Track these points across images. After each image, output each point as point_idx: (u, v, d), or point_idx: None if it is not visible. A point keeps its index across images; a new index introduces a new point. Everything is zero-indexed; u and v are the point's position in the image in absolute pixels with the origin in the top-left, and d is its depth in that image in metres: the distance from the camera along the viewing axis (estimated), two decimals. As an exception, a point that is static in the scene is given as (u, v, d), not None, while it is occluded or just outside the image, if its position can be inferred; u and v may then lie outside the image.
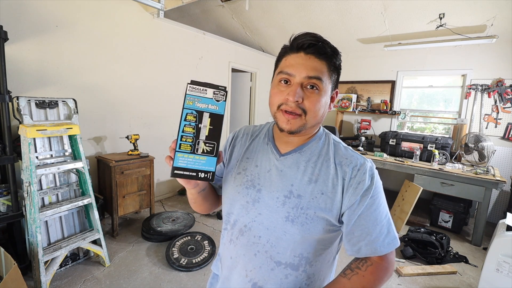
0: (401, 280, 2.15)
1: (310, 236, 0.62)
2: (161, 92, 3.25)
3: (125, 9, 2.76)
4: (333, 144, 0.67)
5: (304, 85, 0.59)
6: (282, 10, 3.47)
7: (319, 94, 0.59)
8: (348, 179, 0.61)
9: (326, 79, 0.60)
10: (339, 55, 0.63)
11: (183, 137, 0.52)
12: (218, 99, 0.54)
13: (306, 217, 0.61)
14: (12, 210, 1.86)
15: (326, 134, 0.70)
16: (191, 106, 0.53)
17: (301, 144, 0.67)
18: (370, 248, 0.60)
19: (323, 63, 0.59)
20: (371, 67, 4.17)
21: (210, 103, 0.53)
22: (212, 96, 0.53)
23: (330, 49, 0.60)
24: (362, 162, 0.63)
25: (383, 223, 0.61)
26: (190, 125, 0.53)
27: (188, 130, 0.52)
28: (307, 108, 0.59)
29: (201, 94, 0.53)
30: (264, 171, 0.67)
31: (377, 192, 0.62)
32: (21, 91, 2.13)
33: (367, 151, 3.78)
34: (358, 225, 0.61)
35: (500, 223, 1.89)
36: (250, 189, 0.67)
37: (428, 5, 2.83)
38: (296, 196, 0.62)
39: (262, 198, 0.65)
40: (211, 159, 0.54)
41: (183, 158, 0.53)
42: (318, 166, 0.64)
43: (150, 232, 2.47)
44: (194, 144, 0.53)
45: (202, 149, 0.53)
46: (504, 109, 3.23)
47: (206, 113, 0.53)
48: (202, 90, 0.53)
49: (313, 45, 0.58)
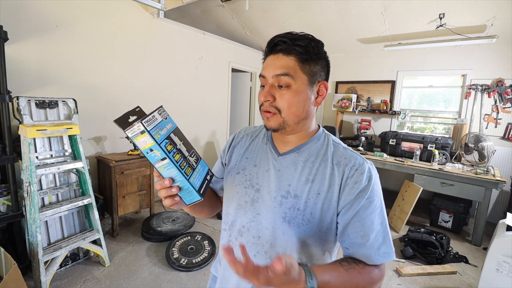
0: (401, 280, 2.15)
1: (307, 237, 0.61)
2: (161, 92, 3.25)
3: (125, 9, 2.76)
4: (332, 144, 0.66)
5: (276, 85, 0.60)
6: (282, 10, 3.47)
7: (291, 90, 0.59)
8: (345, 179, 0.60)
9: (297, 73, 0.59)
10: (312, 45, 0.60)
11: (181, 165, 0.51)
12: (165, 117, 0.52)
13: (303, 218, 0.61)
14: (12, 210, 1.86)
15: (325, 135, 0.69)
16: (160, 138, 0.48)
17: (299, 144, 0.66)
18: (364, 254, 0.58)
19: (291, 58, 0.59)
20: (371, 67, 4.17)
21: (166, 124, 0.52)
22: (160, 118, 0.51)
23: (301, 43, 0.58)
24: (360, 163, 0.62)
25: (379, 229, 0.59)
26: (174, 153, 0.50)
27: (177, 157, 0.51)
28: (280, 107, 0.60)
29: (155, 122, 0.49)
30: (262, 171, 0.67)
31: (374, 195, 0.59)
32: (21, 91, 2.13)
33: (367, 151, 3.78)
34: (352, 226, 0.59)
35: (500, 223, 1.89)
36: (248, 188, 0.67)
37: (428, 5, 2.83)
38: (293, 196, 0.62)
39: (260, 198, 0.65)
40: (202, 163, 0.58)
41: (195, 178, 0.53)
42: (316, 166, 0.63)
43: (150, 232, 2.47)
44: (188, 163, 0.53)
45: (193, 161, 0.55)
46: (504, 109, 3.23)
47: (171, 134, 0.52)
48: (153, 118, 0.48)
49: (280, 44, 0.59)
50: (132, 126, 0.45)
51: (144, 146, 0.47)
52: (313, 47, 0.60)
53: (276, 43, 0.60)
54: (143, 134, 0.45)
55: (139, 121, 0.45)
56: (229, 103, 4.31)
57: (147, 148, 0.47)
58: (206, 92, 3.85)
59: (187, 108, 3.61)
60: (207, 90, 3.85)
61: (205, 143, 4.00)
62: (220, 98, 4.13)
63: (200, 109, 3.81)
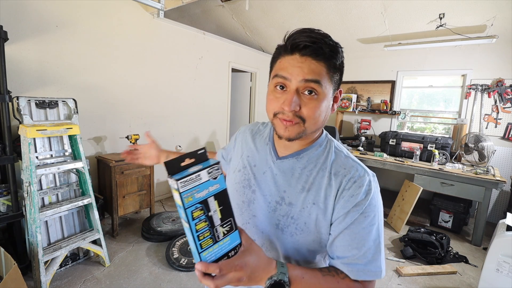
0: (401, 280, 2.15)
1: (300, 247, 0.59)
2: (161, 92, 3.25)
3: (125, 9, 2.76)
4: (333, 152, 0.62)
5: (301, 91, 0.53)
6: (282, 10, 3.47)
7: (318, 100, 0.54)
8: (341, 191, 0.56)
9: (325, 81, 0.54)
10: (339, 53, 0.55)
11: (200, 236, 0.44)
12: (215, 176, 0.45)
13: (296, 227, 0.58)
14: (12, 210, 1.86)
15: (328, 141, 0.64)
16: (192, 201, 0.43)
17: (300, 149, 0.62)
18: (348, 267, 0.55)
19: (321, 64, 0.53)
20: (371, 67, 4.17)
21: (209, 185, 0.44)
22: (208, 177, 0.44)
23: (329, 48, 0.53)
24: (360, 175, 0.57)
25: (370, 246, 0.54)
26: (200, 220, 0.44)
27: (201, 226, 0.44)
28: (306, 116, 0.54)
29: (196, 183, 0.43)
30: (260, 172, 0.65)
31: (370, 210, 0.55)
32: (21, 91, 2.13)
33: (367, 151, 3.78)
34: (341, 239, 0.56)
35: (500, 223, 1.89)
36: (246, 188, 0.66)
37: (428, 5, 2.83)
38: (287, 204, 0.59)
39: (256, 200, 0.63)
40: (233, 235, 0.48)
41: (210, 253, 0.45)
42: (313, 174, 0.59)
43: (150, 232, 2.47)
44: (213, 234, 0.46)
45: (222, 233, 0.47)
46: (504, 109, 3.23)
47: (210, 198, 0.45)
48: (196, 178, 0.43)
49: (309, 46, 0.52)
50: (171, 178, 0.41)
51: (175, 200, 0.43)
52: (339, 55, 0.55)
53: (305, 44, 0.52)
54: (176, 192, 0.42)
55: (177, 179, 0.41)
56: (229, 103, 4.31)
57: (177, 203, 0.43)
58: (206, 92, 3.85)
59: (187, 108, 3.61)
60: (207, 90, 3.85)
61: (205, 143, 4.00)
62: (220, 98, 4.13)
63: (200, 109, 3.81)
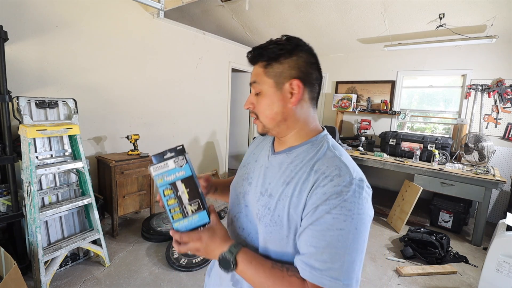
0: (401, 280, 2.15)
1: (273, 240, 0.59)
2: (161, 92, 3.25)
3: (125, 9, 2.76)
4: (324, 151, 0.60)
5: (254, 92, 0.64)
6: (282, 10, 3.47)
7: (261, 96, 0.63)
8: (315, 187, 0.54)
9: (262, 79, 0.62)
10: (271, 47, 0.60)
11: (171, 210, 0.58)
12: (181, 165, 0.58)
13: (271, 219, 0.59)
14: (12, 210, 1.86)
15: (323, 141, 0.63)
16: (163, 183, 0.58)
17: (292, 145, 0.64)
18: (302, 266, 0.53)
19: (258, 65, 0.63)
20: (371, 67, 4.17)
21: (176, 171, 0.58)
22: (174, 165, 0.58)
23: (257, 51, 0.62)
24: (341, 175, 0.53)
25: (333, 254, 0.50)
26: (170, 197, 0.58)
27: (171, 202, 0.58)
28: (257, 112, 0.64)
29: (164, 169, 0.57)
30: (258, 166, 0.69)
31: (341, 214, 0.50)
32: (21, 91, 2.13)
33: (367, 151, 3.78)
34: (304, 235, 0.54)
35: (500, 223, 1.89)
36: (244, 181, 0.71)
37: (428, 5, 2.83)
38: (268, 195, 0.61)
39: (250, 191, 0.67)
40: (201, 213, 0.60)
41: (180, 224, 0.59)
42: (297, 169, 0.59)
43: (150, 232, 2.47)
44: (182, 210, 0.59)
45: (190, 210, 0.59)
46: (504, 109, 3.23)
47: (178, 181, 0.58)
48: (164, 165, 0.57)
49: (250, 57, 0.64)
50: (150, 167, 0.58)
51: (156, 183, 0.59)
52: (272, 49, 0.60)
53: (249, 57, 0.64)
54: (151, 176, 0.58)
55: (150, 166, 0.58)
56: (229, 103, 4.31)
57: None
58: (206, 92, 3.85)
59: (187, 108, 3.61)
60: (207, 90, 3.85)
61: (205, 143, 4.00)
62: (220, 98, 4.13)
63: (200, 109, 3.81)
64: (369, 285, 2.07)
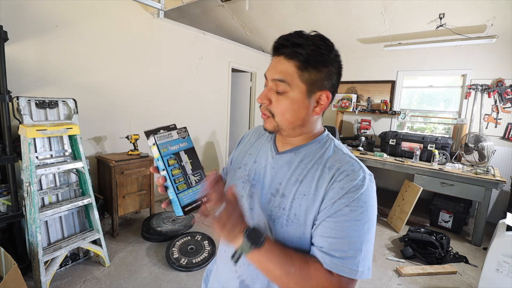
0: (401, 280, 2.15)
1: (290, 239, 0.59)
2: (161, 92, 3.25)
3: (125, 9, 2.76)
4: (332, 149, 0.63)
5: (274, 88, 0.59)
6: (282, 10, 3.47)
7: (286, 98, 0.58)
8: (332, 182, 0.56)
9: (294, 81, 0.56)
10: (317, 51, 0.55)
11: (176, 180, 0.57)
12: (183, 136, 0.60)
13: (287, 218, 0.59)
14: (12, 210, 1.86)
15: (329, 140, 0.66)
16: (167, 152, 0.57)
17: (299, 145, 0.65)
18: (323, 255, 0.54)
19: (291, 64, 0.56)
20: (371, 67, 4.17)
21: (179, 142, 0.59)
22: (177, 136, 0.59)
23: (306, 48, 0.55)
24: (355, 170, 0.57)
25: (351, 242, 0.53)
26: (175, 167, 0.57)
27: (176, 172, 0.57)
28: (274, 112, 0.60)
29: (168, 139, 0.57)
30: (260, 167, 0.68)
31: (358, 206, 0.54)
32: (21, 91, 2.13)
33: (367, 151, 3.78)
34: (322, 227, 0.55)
35: (500, 223, 1.89)
36: (245, 183, 0.68)
37: (428, 5, 2.83)
38: (280, 195, 0.61)
39: (255, 193, 0.66)
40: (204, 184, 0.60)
41: (185, 195, 0.58)
42: (308, 167, 0.61)
43: (150, 232, 2.47)
44: (187, 180, 0.58)
45: (193, 180, 0.59)
46: (504, 109, 3.23)
47: (181, 151, 0.59)
48: (168, 135, 0.58)
49: (281, 47, 0.57)
50: (149, 138, 0.56)
51: (154, 156, 0.57)
52: (317, 54, 0.56)
53: (280, 45, 0.57)
54: (154, 146, 0.56)
55: (153, 135, 0.56)
56: (229, 103, 4.31)
57: (155, 158, 0.57)
58: (206, 92, 3.85)
59: (187, 108, 3.61)
60: (207, 90, 3.85)
61: (205, 143, 4.00)
62: (220, 98, 4.13)
63: (200, 109, 3.80)
64: (369, 285, 2.07)
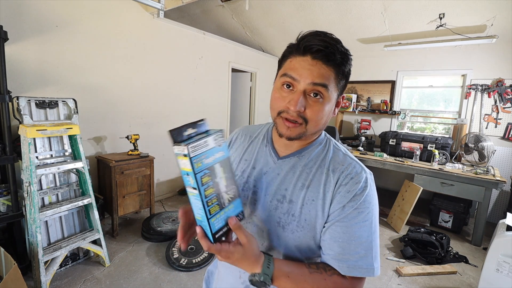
0: (401, 280, 2.15)
1: (301, 244, 0.60)
2: (161, 92, 3.25)
3: (125, 9, 2.76)
4: (332, 150, 0.64)
5: (307, 92, 0.55)
6: (282, 10, 3.47)
7: (323, 103, 0.56)
8: (338, 186, 0.57)
9: (332, 86, 0.56)
10: (349, 60, 0.57)
11: (208, 202, 0.46)
12: (220, 143, 0.48)
13: (297, 224, 0.59)
14: (12, 210, 1.86)
15: (327, 140, 0.67)
16: (201, 167, 0.45)
17: (300, 148, 0.64)
18: (338, 263, 0.55)
19: (330, 69, 0.54)
20: (371, 67, 4.17)
21: (215, 152, 0.47)
22: (214, 144, 0.47)
23: (340, 55, 0.55)
24: (358, 172, 0.58)
25: (362, 242, 0.55)
26: (208, 186, 0.46)
27: (209, 192, 0.46)
28: (309, 118, 0.56)
29: (204, 148, 0.45)
30: (261, 173, 0.66)
31: (365, 207, 0.56)
32: (21, 91, 2.13)
33: (367, 151, 3.78)
34: (332, 232, 0.56)
35: (500, 223, 1.89)
36: (246, 191, 0.66)
37: (428, 5, 2.83)
38: (288, 201, 0.60)
39: (257, 200, 0.64)
40: (237, 201, 0.52)
41: (217, 219, 0.49)
42: (313, 172, 0.61)
43: (150, 232, 2.47)
44: (219, 200, 0.48)
45: (226, 200, 0.50)
46: (504, 109, 3.23)
47: (216, 164, 0.47)
48: (204, 144, 0.45)
49: (322, 50, 0.53)
50: (179, 145, 0.44)
51: (182, 168, 0.45)
52: (347, 62, 0.57)
53: (318, 48, 0.53)
54: (185, 157, 0.44)
55: (186, 144, 0.43)
56: (229, 103, 4.31)
57: (185, 171, 0.45)
58: (206, 92, 3.85)
59: (187, 108, 3.61)
60: (207, 90, 3.85)
61: (205, 143, 4.00)
62: (220, 98, 4.13)
63: (200, 109, 3.80)
64: (369, 285, 2.07)
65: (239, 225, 0.50)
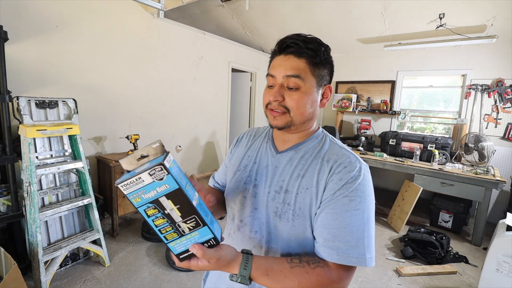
0: (401, 280, 2.15)
1: (297, 233, 0.62)
2: (161, 92, 3.25)
3: (125, 9, 2.76)
4: (328, 143, 0.67)
5: (286, 85, 0.62)
6: (282, 10, 3.47)
7: (301, 92, 0.61)
8: (331, 174, 0.60)
9: (307, 76, 0.61)
10: (322, 49, 0.62)
11: (161, 230, 0.47)
12: (160, 177, 0.42)
13: (293, 213, 0.61)
14: (12, 210, 1.86)
15: (324, 135, 0.70)
16: (141, 202, 0.44)
17: (298, 142, 0.68)
18: (330, 252, 0.56)
19: (302, 61, 0.61)
20: (371, 67, 4.17)
21: (156, 186, 0.43)
22: (151, 179, 0.42)
23: (310, 47, 0.61)
24: (351, 161, 0.61)
25: (353, 232, 0.55)
26: (157, 217, 0.45)
27: (159, 222, 0.46)
28: (289, 106, 0.62)
29: (139, 185, 0.42)
30: (261, 168, 0.70)
31: (356, 196, 0.57)
32: (21, 91, 2.13)
33: (367, 151, 3.78)
34: (323, 218, 0.58)
35: (500, 223, 1.89)
36: (248, 184, 0.70)
37: (428, 5, 2.83)
38: (284, 191, 0.64)
39: (258, 193, 0.68)
40: (203, 229, 0.48)
41: (178, 244, 0.49)
42: (308, 162, 0.64)
43: (150, 232, 2.47)
44: (177, 229, 0.47)
45: (187, 228, 0.47)
46: (504, 109, 3.23)
47: (161, 197, 0.44)
48: (137, 181, 0.42)
49: (291, 46, 0.61)
50: (118, 184, 0.43)
51: None
52: (323, 52, 0.62)
53: (288, 45, 0.61)
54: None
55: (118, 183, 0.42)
56: (229, 103, 4.31)
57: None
58: (206, 92, 3.85)
59: (187, 108, 3.61)
60: (207, 90, 3.85)
61: (205, 143, 4.00)
62: (220, 98, 4.13)
63: (200, 109, 3.80)
64: (369, 285, 2.07)
65: (202, 252, 0.48)
